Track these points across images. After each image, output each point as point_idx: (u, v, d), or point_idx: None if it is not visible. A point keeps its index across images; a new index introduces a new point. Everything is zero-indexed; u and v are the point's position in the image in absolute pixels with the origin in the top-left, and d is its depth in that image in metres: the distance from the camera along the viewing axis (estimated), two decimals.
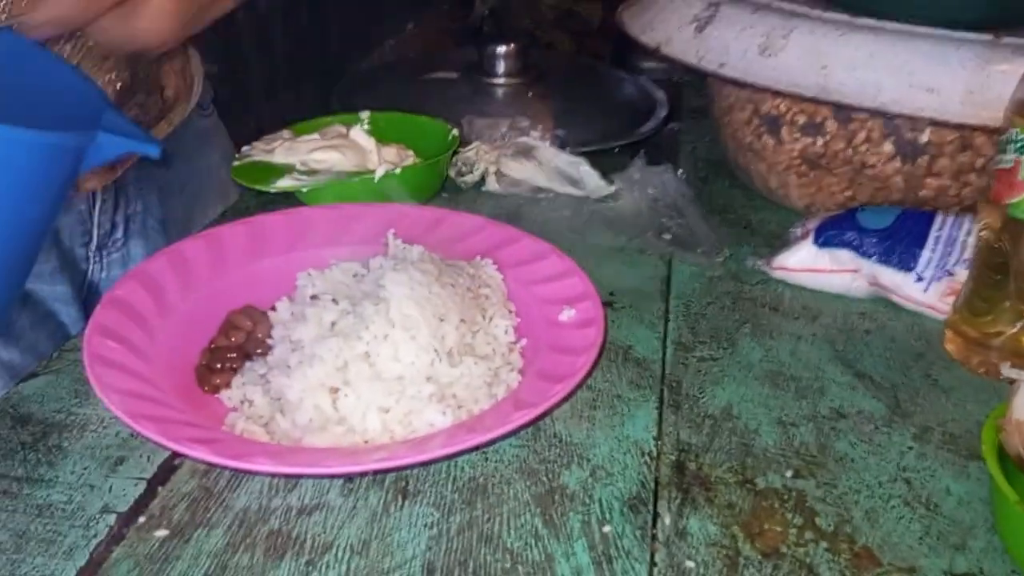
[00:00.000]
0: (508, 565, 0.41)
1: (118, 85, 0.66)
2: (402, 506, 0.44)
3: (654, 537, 0.43)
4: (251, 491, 0.44)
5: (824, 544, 0.43)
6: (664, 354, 0.57)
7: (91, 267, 0.72)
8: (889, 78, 0.59)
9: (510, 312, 0.55)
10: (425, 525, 0.43)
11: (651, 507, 0.45)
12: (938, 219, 0.61)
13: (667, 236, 0.70)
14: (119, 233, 0.74)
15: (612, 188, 0.76)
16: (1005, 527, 0.43)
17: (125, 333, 0.49)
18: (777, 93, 0.64)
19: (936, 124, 0.61)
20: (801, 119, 0.67)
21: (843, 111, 0.64)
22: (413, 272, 0.49)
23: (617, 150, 0.85)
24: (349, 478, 0.45)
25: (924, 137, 0.64)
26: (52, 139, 0.46)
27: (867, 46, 0.60)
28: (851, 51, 0.60)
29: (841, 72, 0.60)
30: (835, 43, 0.61)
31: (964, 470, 0.48)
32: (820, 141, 0.67)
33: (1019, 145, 0.50)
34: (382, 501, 0.44)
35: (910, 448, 0.49)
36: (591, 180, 0.77)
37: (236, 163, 0.71)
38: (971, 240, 0.57)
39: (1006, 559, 0.42)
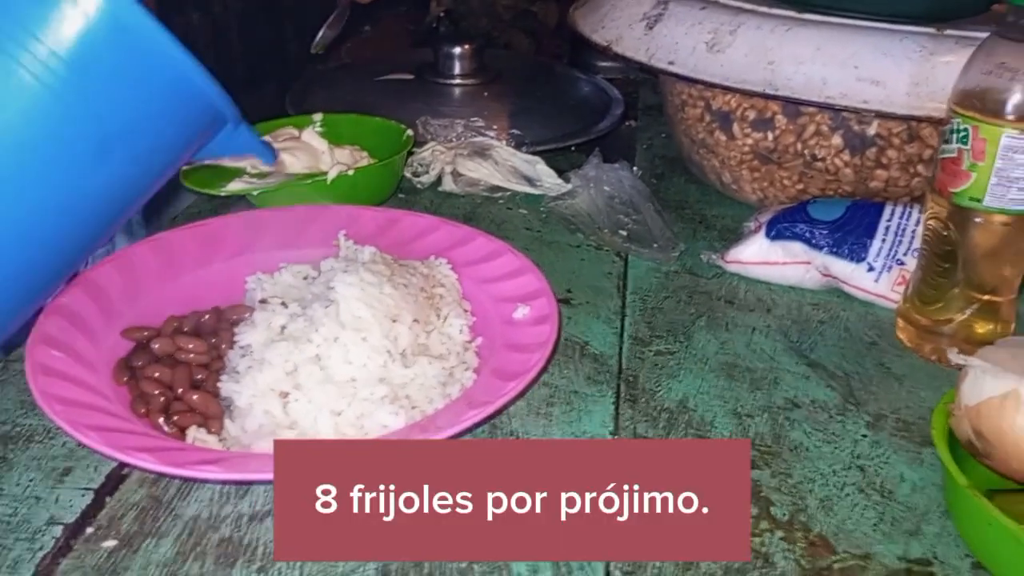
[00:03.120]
0: (464, 565, 0.40)
1: None
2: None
3: None
4: (201, 499, 0.44)
5: (780, 533, 0.43)
6: (621, 349, 0.57)
7: None
8: (835, 72, 0.60)
9: (465, 311, 0.54)
10: None
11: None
12: (887, 209, 0.62)
13: (623, 232, 0.70)
14: None
15: (568, 186, 0.76)
16: (957, 511, 0.43)
17: (69, 341, 0.47)
18: (726, 89, 0.64)
19: (883, 116, 0.62)
20: (751, 114, 0.68)
21: (792, 106, 0.64)
22: (364, 273, 0.49)
23: (573, 148, 0.85)
24: None
25: (872, 129, 0.65)
26: (219, 94, 0.45)
27: (813, 40, 0.61)
28: (797, 46, 0.61)
29: (788, 67, 0.61)
30: (782, 38, 0.61)
31: (918, 456, 0.49)
32: (771, 136, 0.68)
33: (961, 135, 0.51)
34: None
35: (864, 436, 0.50)
36: (547, 178, 0.77)
37: (185, 167, 0.69)
38: (920, 229, 0.58)
39: (960, 543, 0.43)
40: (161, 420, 0.45)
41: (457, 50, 0.93)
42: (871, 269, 0.60)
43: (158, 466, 0.40)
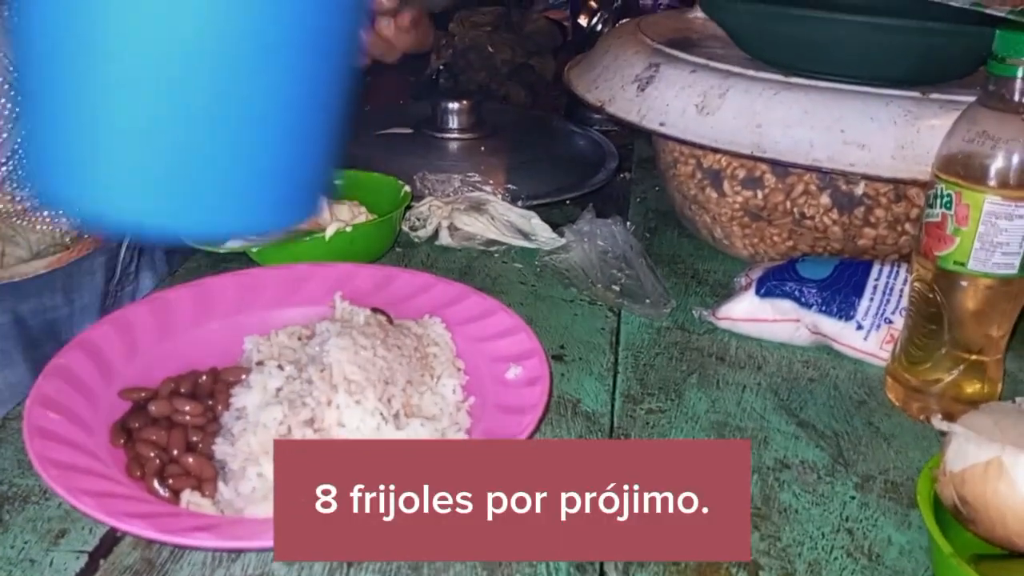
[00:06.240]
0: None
1: None
2: (347, 574, 0.44)
3: None
4: (194, 562, 0.44)
5: None
6: (613, 407, 0.58)
7: (106, 302, 0.77)
8: (821, 135, 0.61)
9: (459, 370, 0.55)
10: None
11: (597, 564, 0.45)
12: (875, 268, 0.63)
13: (616, 287, 0.71)
14: (133, 266, 0.79)
15: (563, 240, 0.77)
16: None
17: (67, 403, 0.48)
18: (715, 151, 0.66)
19: (869, 179, 0.63)
20: (741, 173, 0.69)
21: (780, 166, 0.66)
22: (357, 336, 0.49)
23: (568, 202, 0.87)
24: None
25: (859, 189, 0.66)
26: None
27: (800, 104, 0.62)
28: (784, 109, 0.62)
29: (775, 130, 0.62)
30: (769, 101, 0.63)
31: (906, 519, 0.49)
32: (760, 194, 0.69)
33: (945, 200, 0.52)
34: (327, 569, 0.44)
35: (852, 498, 0.50)
36: (542, 233, 0.79)
37: None
38: (907, 289, 0.59)
39: None
40: (156, 483, 0.46)
41: (455, 105, 0.95)
42: (860, 327, 0.61)
43: (151, 533, 0.40)
